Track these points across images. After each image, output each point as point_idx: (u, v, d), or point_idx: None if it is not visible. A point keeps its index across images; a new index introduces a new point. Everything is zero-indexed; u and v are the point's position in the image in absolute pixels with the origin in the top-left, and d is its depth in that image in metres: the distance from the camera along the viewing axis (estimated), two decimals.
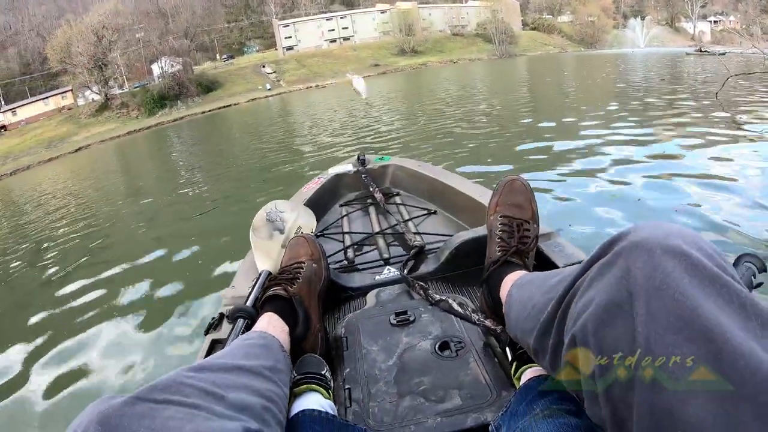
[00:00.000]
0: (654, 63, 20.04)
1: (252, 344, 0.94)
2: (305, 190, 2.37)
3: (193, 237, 4.86)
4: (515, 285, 0.99)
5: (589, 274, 0.61)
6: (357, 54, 62.69)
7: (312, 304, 1.21)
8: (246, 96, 50.37)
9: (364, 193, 2.50)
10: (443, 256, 1.58)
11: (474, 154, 6.20)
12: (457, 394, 0.99)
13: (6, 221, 9.62)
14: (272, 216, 1.67)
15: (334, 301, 1.54)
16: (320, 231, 2.11)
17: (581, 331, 0.58)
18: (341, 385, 1.08)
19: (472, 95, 15.26)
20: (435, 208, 2.22)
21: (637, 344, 0.51)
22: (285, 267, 1.31)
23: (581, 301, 0.61)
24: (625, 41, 58.87)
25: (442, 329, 1.21)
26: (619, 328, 0.53)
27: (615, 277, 0.56)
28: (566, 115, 8.10)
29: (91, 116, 49.20)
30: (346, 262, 1.83)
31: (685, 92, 9.59)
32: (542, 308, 0.73)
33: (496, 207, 1.27)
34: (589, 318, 0.57)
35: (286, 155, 9.34)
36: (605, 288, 0.57)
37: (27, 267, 5.50)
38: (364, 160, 2.61)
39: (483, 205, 1.81)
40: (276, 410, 0.77)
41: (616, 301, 0.54)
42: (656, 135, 5.74)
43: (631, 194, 3.79)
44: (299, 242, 1.39)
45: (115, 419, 0.53)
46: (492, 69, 32.86)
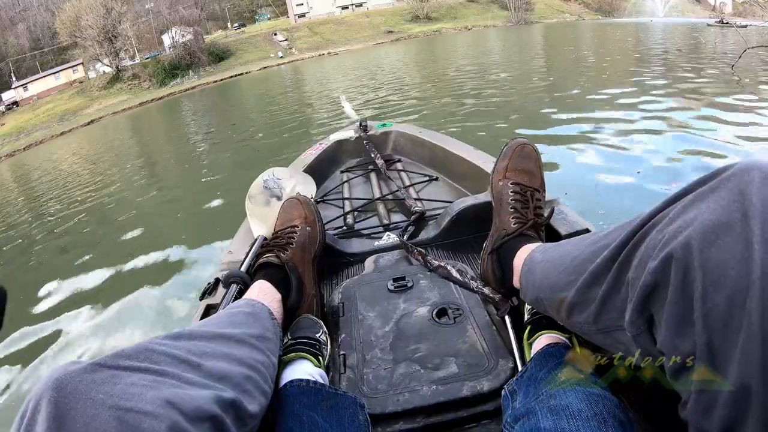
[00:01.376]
0: (673, 33, 19.51)
1: (238, 312, 0.91)
2: (305, 156, 2.34)
3: (201, 201, 4.90)
4: (537, 250, 0.96)
5: (680, 204, 0.54)
6: (370, 21, 61.73)
7: (306, 269, 1.19)
8: (258, 64, 49.87)
9: (366, 159, 2.47)
10: (443, 222, 1.56)
11: (485, 121, 6.14)
12: (454, 361, 0.98)
13: (22, 191, 9.70)
14: (269, 183, 1.64)
15: (333, 266, 1.53)
16: (320, 197, 2.08)
17: (683, 248, 0.50)
18: (336, 351, 1.07)
19: (487, 64, 15.01)
20: (436, 175, 2.19)
21: (754, 265, 0.44)
22: (278, 231, 1.28)
23: (672, 225, 0.53)
24: (644, 10, 57.50)
25: (440, 296, 1.19)
26: (731, 251, 0.46)
27: (724, 199, 0.50)
28: (579, 85, 8.00)
29: (102, 89, 49.30)
30: (346, 227, 1.81)
31: (702, 63, 9.33)
32: (590, 258, 0.68)
33: (505, 172, 1.23)
34: (692, 235, 0.50)
35: (297, 122, 9.31)
36: (711, 208, 0.50)
37: (43, 234, 5.57)
38: (366, 126, 2.57)
39: (485, 171, 1.79)
40: (260, 379, 0.75)
41: (728, 221, 0.48)
42: (666, 106, 5.61)
43: (631, 167, 3.74)
44: (293, 204, 1.35)
45: (72, 385, 0.50)
46: (507, 36, 32.29)
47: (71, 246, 4.96)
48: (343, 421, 0.84)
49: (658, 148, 4.06)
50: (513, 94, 7.98)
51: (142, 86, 49.31)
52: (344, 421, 0.85)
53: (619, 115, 5.35)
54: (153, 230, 4.61)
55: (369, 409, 0.90)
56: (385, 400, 0.92)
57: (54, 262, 4.53)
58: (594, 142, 4.43)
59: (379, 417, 0.91)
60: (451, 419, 0.90)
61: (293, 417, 0.82)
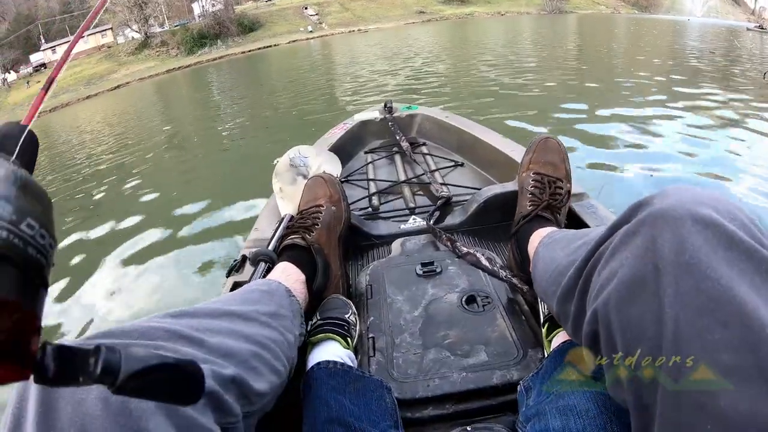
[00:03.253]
0: (710, 35, 19.09)
1: (253, 290, 0.91)
2: (329, 136, 2.33)
3: (225, 175, 4.90)
4: (542, 243, 0.97)
5: (613, 241, 0.56)
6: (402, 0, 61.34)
7: (332, 251, 1.19)
8: (287, 37, 49.79)
9: (390, 141, 2.45)
10: (471, 208, 1.56)
11: (515, 110, 6.06)
12: (483, 350, 0.98)
13: (47, 153, 9.81)
14: (296, 161, 1.64)
15: (359, 248, 1.54)
16: (344, 177, 2.08)
17: (604, 307, 0.54)
18: (365, 334, 1.08)
19: (520, 53, 14.81)
20: (462, 161, 2.17)
21: (665, 327, 0.46)
22: (303, 211, 1.27)
23: (604, 271, 0.56)
24: (681, 8, 56.44)
25: (469, 282, 1.19)
26: (644, 308, 0.49)
27: (639, 248, 0.51)
28: (614, 81, 7.82)
29: (130, 54, 49.77)
30: (371, 209, 1.81)
31: (736, 69, 9.11)
32: (564, 271, 0.70)
33: (529, 165, 1.25)
34: (612, 293, 0.53)
35: (323, 100, 9.26)
36: (629, 260, 0.52)
37: (65, 198, 5.62)
38: (391, 108, 2.55)
39: (513, 159, 1.78)
40: (270, 357, 0.75)
41: (641, 277, 0.50)
42: (697, 112, 5.43)
43: (666, 167, 3.68)
44: (317, 183, 1.34)
45: None
46: (541, 24, 31.84)
47: (92, 207, 5.01)
48: (370, 403, 0.85)
49: (689, 152, 3.98)
50: (541, 86, 7.87)
51: (170, 54, 49.63)
52: (372, 403, 0.85)
53: (660, 117, 5.22)
54: (172, 198, 4.62)
55: (398, 393, 0.91)
56: (415, 385, 0.92)
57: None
58: (633, 144, 4.36)
59: (408, 402, 0.91)
60: (480, 407, 0.91)
61: (320, 400, 0.83)
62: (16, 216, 0.28)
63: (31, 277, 0.28)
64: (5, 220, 0.27)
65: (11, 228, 0.27)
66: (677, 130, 4.67)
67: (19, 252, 0.28)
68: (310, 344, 0.98)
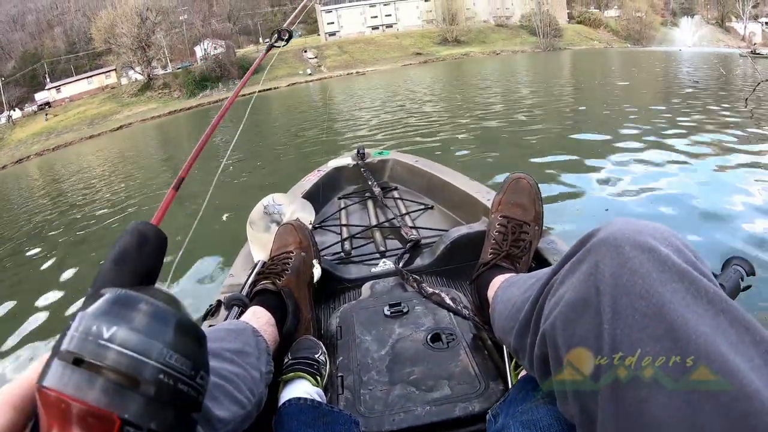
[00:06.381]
0: (701, 63, 19.27)
1: (219, 329, 0.95)
2: (304, 182, 2.40)
3: (217, 217, 4.95)
4: (500, 287, 1.00)
5: (562, 272, 0.61)
6: (399, 42, 62.10)
7: (302, 294, 1.23)
8: (287, 80, 50.33)
9: (363, 186, 2.52)
10: (438, 250, 1.61)
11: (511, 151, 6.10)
12: (447, 384, 1.02)
13: (47, 189, 9.87)
14: (270, 209, 1.70)
15: (330, 291, 1.57)
16: (318, 222, 2.13)
17: (551, 328, 0.59)
18: (335, 373, 1.11)
19: (514, 91, 14.98)
20: (432, 203, 2.23)
21: (604, 342, 0.50)
22: (274, 257, 1.32)
23: (553, 299, 0.61)
24: (673, 39, 57.00)
25: (434, 321, 1.23)
26: (586, 326, 0.53)
27: (584, 273, 0.56)
28: (606, 116, 7.92)
29: (133, 95, 50.29)
30: (343, 254, 1.86)
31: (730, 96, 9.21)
32: (520, 307, 0.74)
33: (498, 205, 1.27)
34: (558, 315, 0.57)
35: (319, 142, 9.31)
36: (574, 285, 0.57)
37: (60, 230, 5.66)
38: (364, 153, 2.62)
39: (479, 201, 1.83)
40: (232, 389, 0.78)
41: (584, 298, 0.54)
42: (695, 140, 5.45)
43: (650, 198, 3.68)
44: (287, 230, 1.39)
45: None
46: (536, 62, 32.24)
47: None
48: None
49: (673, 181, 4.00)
50: (543, 120, 7.96)
51: (172, 95, 50.23)
52: None
53: (652, 148, 5.23)
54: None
55: (365, 427, 0.95)
56: (381, 420, 0.96)
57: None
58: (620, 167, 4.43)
59: None
60: None
61: None
62: (195, 371, 0.35)
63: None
64: (188, 376, 0.35)
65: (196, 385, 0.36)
66: (640, 162, 4.72)
67: (197, 403, 0.35)
68: (282, 382, 1.01)
